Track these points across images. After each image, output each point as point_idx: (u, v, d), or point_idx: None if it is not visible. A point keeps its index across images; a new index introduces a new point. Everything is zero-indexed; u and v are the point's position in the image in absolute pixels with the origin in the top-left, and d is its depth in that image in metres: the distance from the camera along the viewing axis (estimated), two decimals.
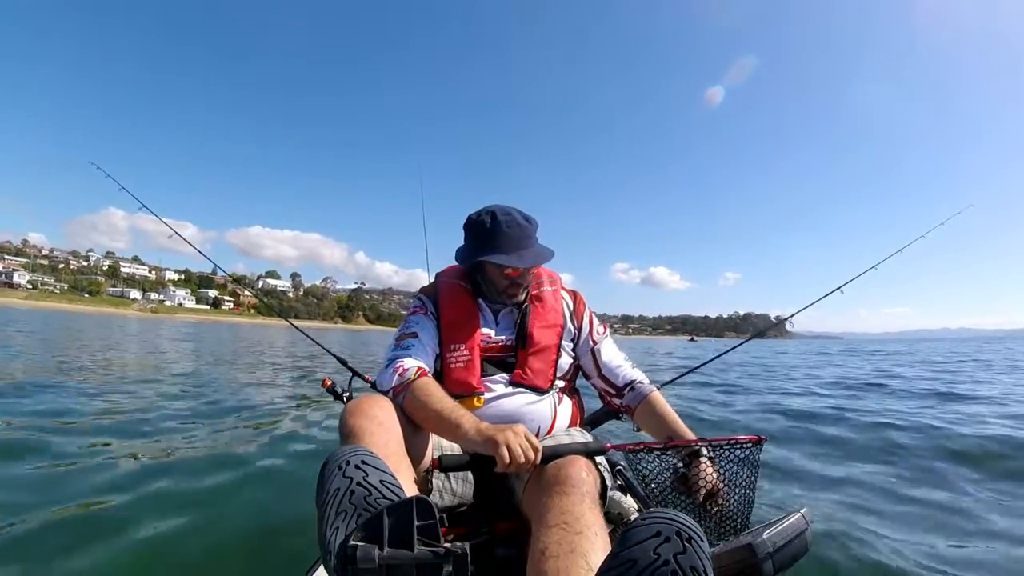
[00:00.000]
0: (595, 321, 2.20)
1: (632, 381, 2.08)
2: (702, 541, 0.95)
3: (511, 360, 2.01)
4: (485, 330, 2.04)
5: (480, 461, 1.55)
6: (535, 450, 1.50)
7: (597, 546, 1.25)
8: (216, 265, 3.68)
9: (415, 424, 1.70)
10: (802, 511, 1.60)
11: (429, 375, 1.84)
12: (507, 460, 1.46)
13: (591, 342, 2.15)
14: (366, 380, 2.75)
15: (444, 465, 1.56)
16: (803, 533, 1.52)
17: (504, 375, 1.98)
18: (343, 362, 3.02)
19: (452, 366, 1.96)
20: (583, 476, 1.43)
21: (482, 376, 1.96)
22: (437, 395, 1.73)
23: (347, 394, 2.72)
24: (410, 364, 1.83)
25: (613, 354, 2.15)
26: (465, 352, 1.96)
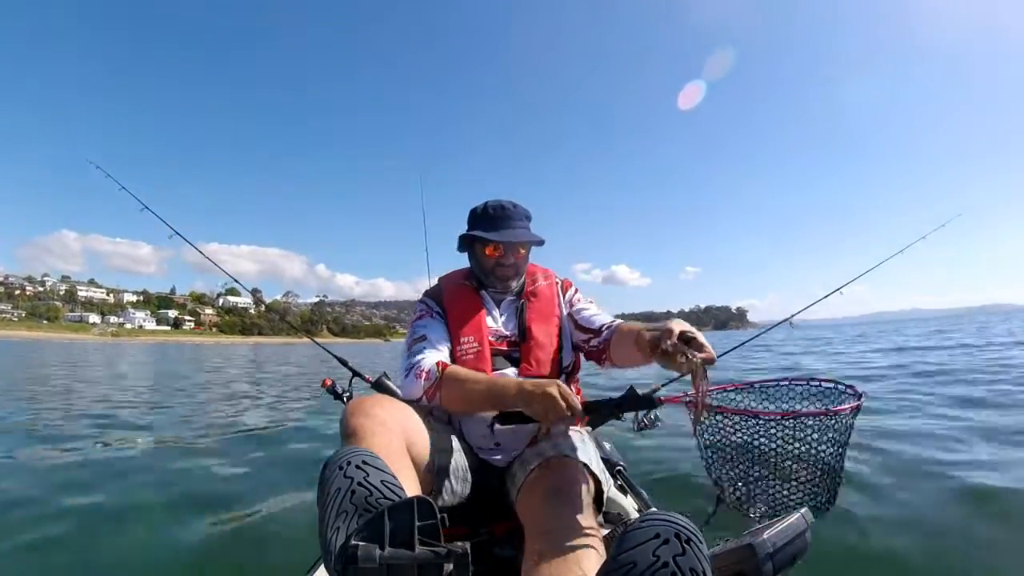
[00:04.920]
0: (573, 292, 2.23)
1: (609, 323, 2.06)
2: (701, 543, 0.95)
3: (516, 355, 2.00)
4: (491, 322, 2.05)
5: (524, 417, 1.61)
6: (572, 409, 1.54)
7: (590, 552, 1.26)
8: (226, 273, 3.55)
9: (416, 424, 1.67)
10: (802, 511, 1.61)
11: (453, 365, 1.86)
12: (557, 409, 1.53)
13: (570, 305, 2.18)
14: (366, 380, 2.72)
15: (502, 416, 1.64)
16: (803, 533, 1.53)
17: (512, 368, 1.97)
18: (343, 362, 2.97)
19: (463, 358, 1.94)
20: (576, 482, 1.45)
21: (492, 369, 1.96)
22: (470, 375, 1.78)
23: (347, 394, 2.66)
24: (428, 364, 1.83)
25: (593, 309, 2.16)
26: (475, 344, 1.96)
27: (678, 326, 1.53)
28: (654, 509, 1.06)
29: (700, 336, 1.51)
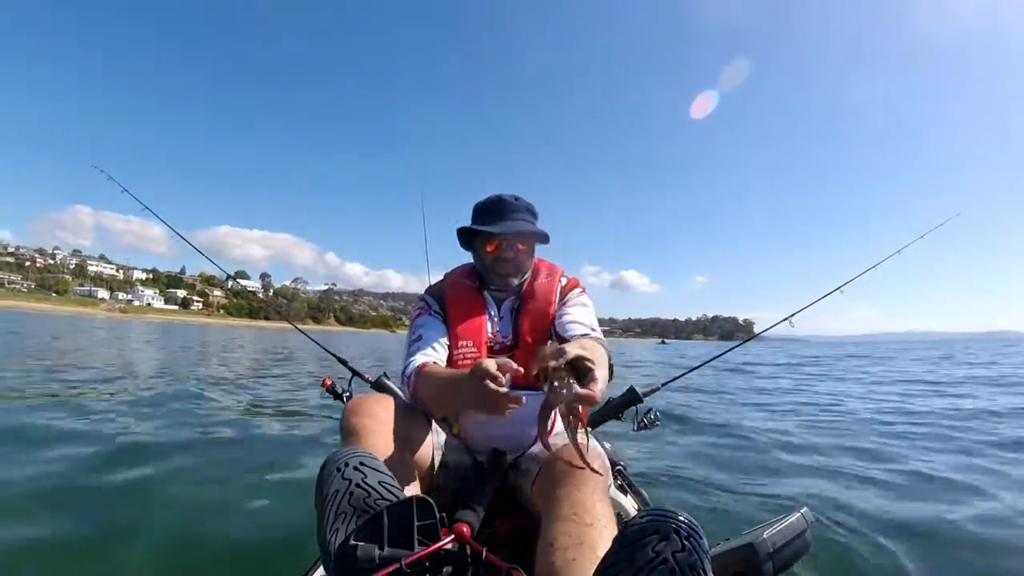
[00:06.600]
0: (575, 292, 2.04)
1: (581, 334, 1.82)
2: (701, 539, 0.93)
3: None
4: (490, 325, 1.97)
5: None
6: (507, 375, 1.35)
7: (606, 539, 1.21)
8: (223, 270, 3.59)
9: (416, 423, 1.67)
10: (802, 511, 1.60)
11: (431, 364, 1.78)
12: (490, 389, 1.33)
13: (562, 305, 1.99)
14: (366, 380, 2.72)
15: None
16: (803, 533, 1.53)
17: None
18: (343, 362, 2.96)
19: (460, 363, 1.87)
20: (595, 466, 1.41)
21: None
22: (439, 372, 1.71)
23: (347, 394, 2.69)
24: (413, 368, 1.77)
25: (576, 314, 1.93)
26: (472, 348, 1.89)
27: (577, 348, 1.32)
28: (654, 506, 1.05)
29: (599, 372, 1.29)
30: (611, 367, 1.71)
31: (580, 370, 1.27)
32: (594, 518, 1.30)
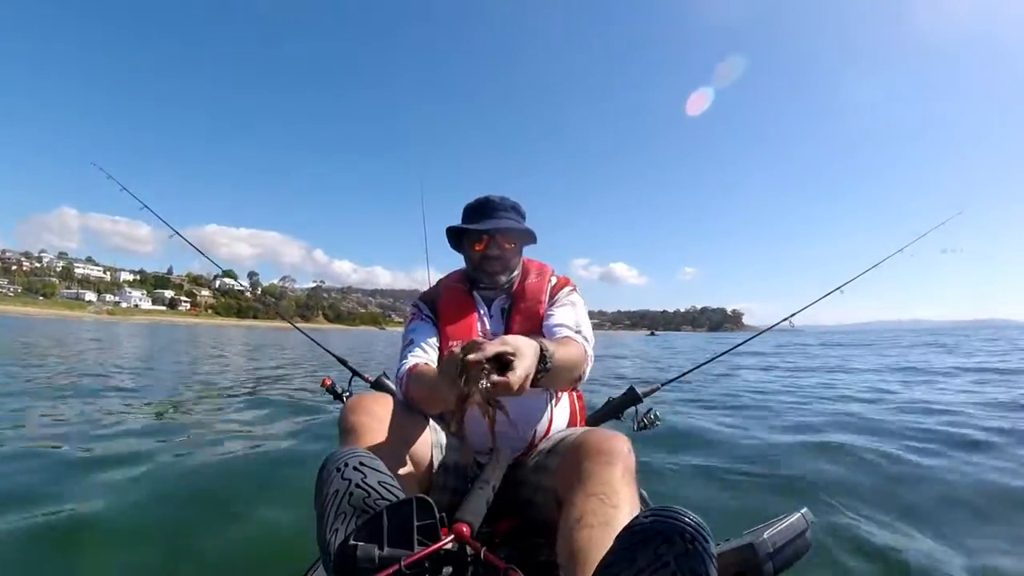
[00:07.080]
0: (565, 291, 2.04)
1: (563, 337, 1.79)
2: (707, 542, 0.92)
3: None
4: (481, 324, 1.99)
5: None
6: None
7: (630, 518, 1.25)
8: (220, 267, 3.58)
9: (416, 422, 1.67)
10: (803, 511, 1.60)
11: (421, 365, 1.81)
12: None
13: (550, 305, 2.00)
14: (365, 380, 2.74)
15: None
16: (804, 533, 1.53)
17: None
18: (343, 362, 2.98)
19: None
20: (625, 450, 1.42)
21: None
22: (428, 370, 1.75)
23: (346, 393, 2.69)
24: (404, 370, 1.81)
25: (562, 315, 1.93)
26: None
27: (498, 345, 1.27)
28: (657, 506, 1.03)
29: (520, 363, 1.26)
30: (583, 363, 1.72)
31: (503, 364, 1.26)
32: (621, 500, 1.30)
